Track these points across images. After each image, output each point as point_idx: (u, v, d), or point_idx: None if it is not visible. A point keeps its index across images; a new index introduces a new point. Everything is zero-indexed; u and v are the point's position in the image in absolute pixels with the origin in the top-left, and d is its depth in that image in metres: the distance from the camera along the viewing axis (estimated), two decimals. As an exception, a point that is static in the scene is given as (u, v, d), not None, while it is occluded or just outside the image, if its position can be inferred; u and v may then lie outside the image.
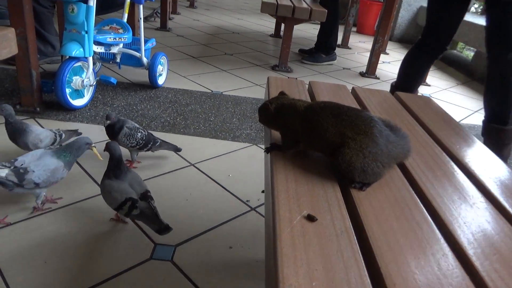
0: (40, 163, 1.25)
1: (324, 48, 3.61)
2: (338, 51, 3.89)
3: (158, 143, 1.62)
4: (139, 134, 1.54)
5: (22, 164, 1.23)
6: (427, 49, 2.26)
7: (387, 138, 0.72)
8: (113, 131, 1.54)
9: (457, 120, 2.52)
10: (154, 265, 1.16)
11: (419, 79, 2.37)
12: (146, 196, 1.23)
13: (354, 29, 5.46)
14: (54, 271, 1.10)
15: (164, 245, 1.24)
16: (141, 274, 1.13)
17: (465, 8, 2.18)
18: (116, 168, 1.23)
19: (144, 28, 2.43)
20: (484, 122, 2.02)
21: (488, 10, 1.95)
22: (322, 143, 0.74)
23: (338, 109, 0.74)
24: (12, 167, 1.21)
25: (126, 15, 2.35)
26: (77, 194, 1.43)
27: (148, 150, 1.58)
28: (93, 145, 1.36)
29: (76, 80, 2.00)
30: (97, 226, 1.29)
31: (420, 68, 2.34)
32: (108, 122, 1.50)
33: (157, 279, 1.11)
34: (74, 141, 1.35)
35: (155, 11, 4.43)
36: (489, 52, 1.94)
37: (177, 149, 1.66)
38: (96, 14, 1.94)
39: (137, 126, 1.59)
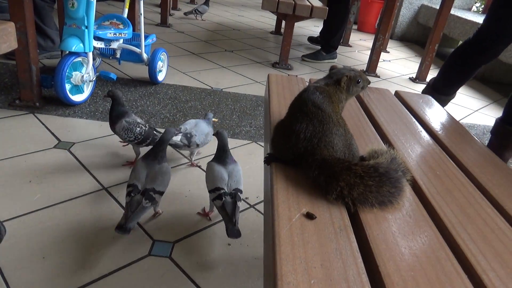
0: (198, 129, 1.59)
1: (326, 46, 3.59)
2: (338, 49, 3.88)
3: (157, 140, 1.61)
4: (138, 129, 1.54)
5: (186, 130, 1.56)
6: (480, 49, 2.08)
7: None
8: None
9: (457, 119, 2.52)
10: (153, 262, 1.16)
11: (462, 81, 2.22)
12: (235, 194, 1.23)
13: (355, 27, 5.45)
14: (53, 266, 1.10)
15: (162, 241, 1.25)
16: (139, 270, 1.13)
17: None
18: (219, 154, 1.31)
19: (145, 23, 2.43)
20: (497, 120, 1.97)
21: None
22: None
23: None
24: (182, 133, 1.54)
25: (126, 10, 2.34)
26: (76, 189, 1.43)
27: (147, 145, 1.58)
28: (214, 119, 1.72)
29: (76, 75, 2.00)
30: (96, 222, 1.29)
31: (467, 69, 2.16)
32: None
33: (155, 276, 1.11)
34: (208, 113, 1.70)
35: (195, 9, 4.59)
36: None
37: (177, 146, 1.66)
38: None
39: (138, 121, 1.58)
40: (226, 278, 1.14)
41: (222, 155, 1.30)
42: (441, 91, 2.29)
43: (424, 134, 0.99)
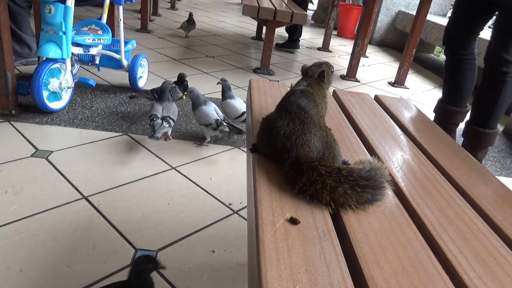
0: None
1: (291, 40, 4.23)
2: (317, 53, 3.91)
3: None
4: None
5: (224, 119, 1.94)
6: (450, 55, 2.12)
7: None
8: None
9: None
10: (135, 271, 1.14)
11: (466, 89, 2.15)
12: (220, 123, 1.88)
13: (334, 32, 5.53)
14: (30, 279, 1.06)
15: (145, 250, 1.22)
16: (121, 280, 1.10)
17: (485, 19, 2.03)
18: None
19: (124, 29, 2.40)
20: (467, 123, 2.05)
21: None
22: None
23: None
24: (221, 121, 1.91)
25: (105, 16, 2.31)
26: (55, 199, 1.39)
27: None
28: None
29: (54, 82, 1.96)
30: (76, 232, 1.26)
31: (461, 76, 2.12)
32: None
33: (138, 285, 1.09)
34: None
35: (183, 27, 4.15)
36: (490, 56, 1.92)
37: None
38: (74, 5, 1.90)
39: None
40: (211, 286, 1.13)
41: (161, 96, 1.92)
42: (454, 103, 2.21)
43: (404, 137, 1.01)
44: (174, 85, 1.98)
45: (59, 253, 1.17)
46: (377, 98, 1.30)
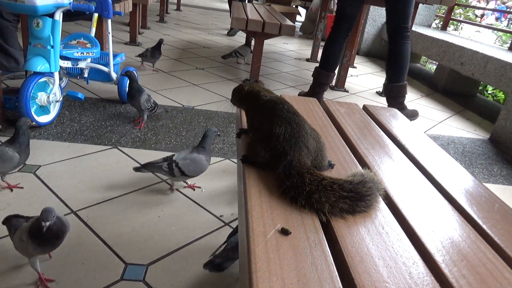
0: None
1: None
2: (306, 64, 3.94)
3: (158, 107, 2.19)
4: (152, 99, 2.14)
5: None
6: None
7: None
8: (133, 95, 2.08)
9: (423, 130, 2.61)
10: (125, 286, 1.12)
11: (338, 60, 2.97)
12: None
13: (322, 43, 5.60)
14: (18, 296, 1.04)
15: (135, 264, 1.21)
16: (111, 295, 1.09)
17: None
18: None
19: (113, 42, 2.40)
20: (385, 85, 2.71)
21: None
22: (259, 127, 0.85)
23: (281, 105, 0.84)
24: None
25: (94, 29, 2.31)
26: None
27: (155, 113, 2.18)
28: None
29: (41, 96, 1.94)
30: (63, 247, 1.23)
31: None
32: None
33: (128, 300, 1.08)
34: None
35: (235, 51, 3.88)
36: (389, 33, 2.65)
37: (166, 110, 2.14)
38: (63, 21, 1.90)
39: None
40: (202, 299, 1.12)
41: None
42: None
43: (392, 146, 1.02)
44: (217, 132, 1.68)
45: (47, 269, 1.14)
46: (365, 108, 1.31)
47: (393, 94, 2.69)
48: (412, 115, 2.75)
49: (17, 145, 1.43)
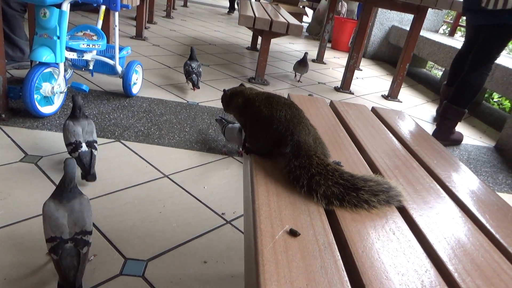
0: None
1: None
2: (314, 65, 3.92)
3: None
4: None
5: None
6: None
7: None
8: None
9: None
10: (124, 282, 1.11)
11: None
12: (91, 144, 1.53)
13: (329, 45, 5.57)
14: (15, 288, 1.02)
15: (135, 260, 1.19)
16: (110, 291, 1.07)
17: None
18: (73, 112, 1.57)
19: (119, 36, 2.38)
20: (445, 104, 2.66)
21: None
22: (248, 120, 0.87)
23: (272, 99, 0.85)
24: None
25: (100, 22, 2.29)
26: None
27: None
28: None
29: (46, 86, 1.92)
30: (64, 239, 1.22)
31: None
32: None
33: (127, 296, 1.06)
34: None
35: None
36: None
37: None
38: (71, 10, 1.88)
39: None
40: (202, 298, 1.10)
41: (74, 113, 1.55)
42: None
43: (403, 150, 1.00)
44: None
45: (46, 261, 1.13)
46: (374, 110, 1.29)
47: (448, 116, 2.62)
48: (458, 139, 2.72)
49: (75, 119, 1.57)
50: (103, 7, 2.27)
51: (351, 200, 0.68)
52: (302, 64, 3.44)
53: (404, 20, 5.32)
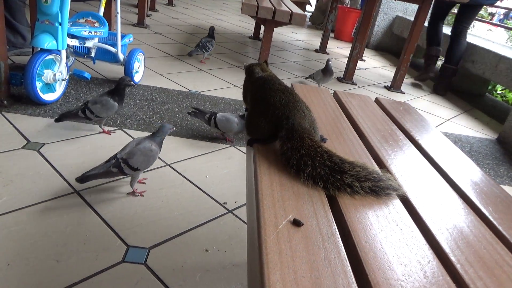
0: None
1: None
2: (315, 55, 3.88)
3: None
4: None
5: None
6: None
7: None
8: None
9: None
10: (127, 269, 1.11)
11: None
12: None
13: (332, 35, 5.53)
14: (18, 274, 1.03)
15: (137, 247, 1.20)
16: (112, 278, 1.08)
17: None
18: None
19: (121, 23, 2.37)
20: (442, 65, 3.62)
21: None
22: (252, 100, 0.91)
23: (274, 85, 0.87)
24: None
25: (102, 9, 2.27)
26: (45, 192, 1.36)
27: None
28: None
29: (48, 73, 1.91)
30: (66, 227, 1.23)
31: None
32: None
33: (129, 283, 1.07)
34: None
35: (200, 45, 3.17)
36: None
37: None
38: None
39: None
40: (204, 286, 1.11)
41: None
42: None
43: (406, 141, 0.99)
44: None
45: (49, 248, 1.13)
46: (377, 101, 1.28)
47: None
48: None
49: (116, 97, 1.73)
50: (105, -6, 2.25)
51: (335, 182, 0.69)
52: (326, 74, 2.99)
53: (408, 10, 5.26)
